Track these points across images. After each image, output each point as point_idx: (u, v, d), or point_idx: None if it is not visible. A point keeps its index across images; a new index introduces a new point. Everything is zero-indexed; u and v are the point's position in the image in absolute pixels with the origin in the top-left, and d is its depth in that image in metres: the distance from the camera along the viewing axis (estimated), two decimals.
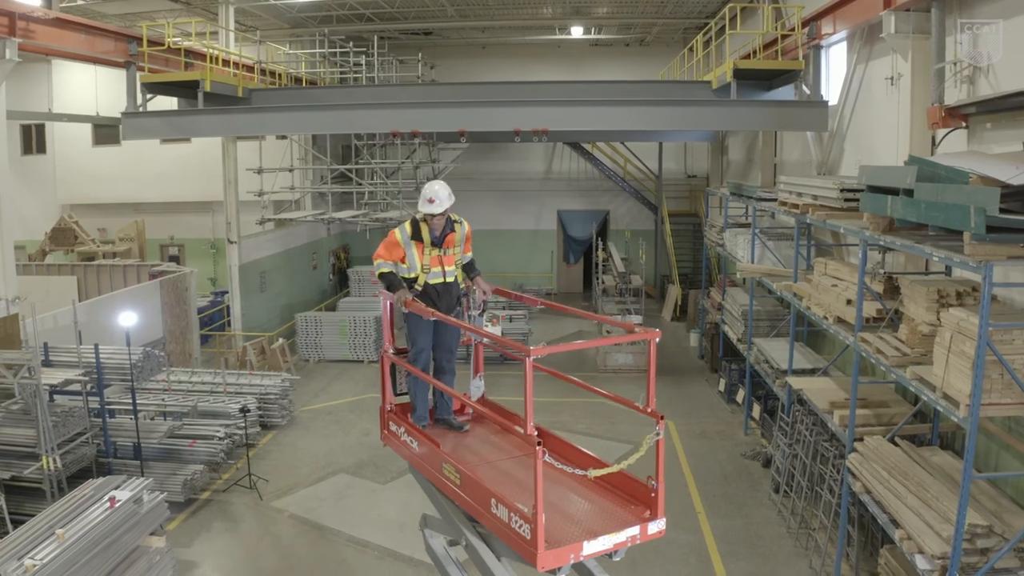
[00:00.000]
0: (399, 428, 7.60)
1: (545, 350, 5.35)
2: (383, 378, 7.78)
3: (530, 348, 5.31)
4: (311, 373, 22.68)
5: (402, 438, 7.56)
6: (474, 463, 6.79)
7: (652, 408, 5.94)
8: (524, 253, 34.16)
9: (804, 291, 13.02)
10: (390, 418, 7.76)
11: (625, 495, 6.09)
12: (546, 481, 5.66)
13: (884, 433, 10.37)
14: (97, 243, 26.12)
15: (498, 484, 6.25)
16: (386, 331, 7.78)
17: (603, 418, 18.66)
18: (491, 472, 6.54)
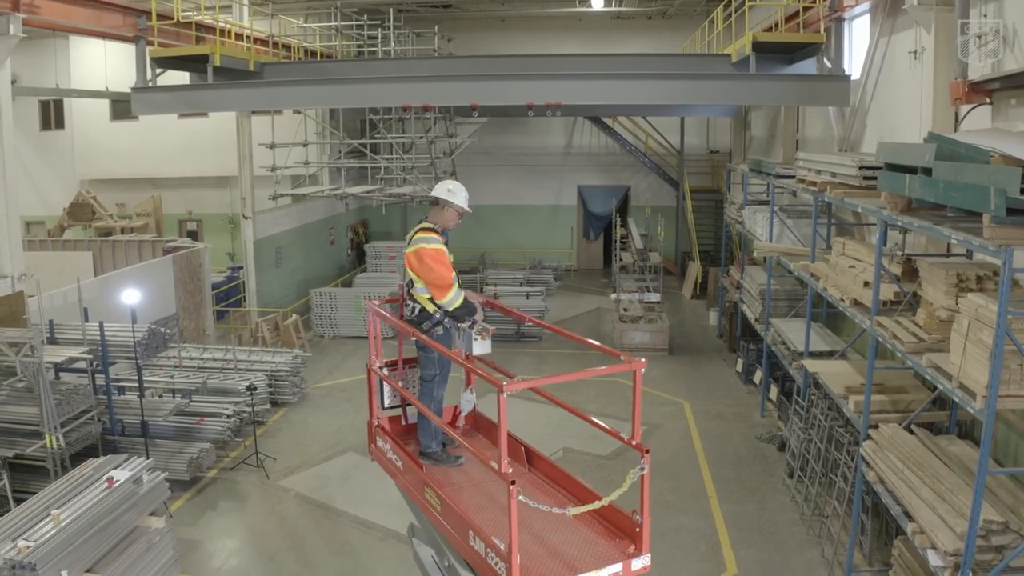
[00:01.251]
0: (385, 444, 7.34)
1: (521, 384, 5.07)
2: (370, 392, 7.49)
3: (503, 383, 4.99)
4: (325, 349, 22.55)
5: (388, 455, 7.30)
6: (458, 484, 6.53)
7: (637, 441, 5.62)
8: (543, 229, 33.91)
9: (821, 272, 12.66)
10: (377, 433, 7.49)
11: (611, 526, 5.86)
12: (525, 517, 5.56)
13: (900, 420, 10.04)
14: (115, 218, 26.06)
15: (480, 510, 6.04)
16: (372, 346, 7.38)
17: (619, 397, 18.40)
18: (475, 495, 6.25)
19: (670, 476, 14.29)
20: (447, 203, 7.15)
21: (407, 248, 7.03)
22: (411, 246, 7.00)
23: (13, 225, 14.12)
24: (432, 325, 7.02)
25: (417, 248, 6.95)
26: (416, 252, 6.94)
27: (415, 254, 6.94)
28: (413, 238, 7.04)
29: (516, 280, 28.25)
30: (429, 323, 7.03)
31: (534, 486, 6.46)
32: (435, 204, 7.22)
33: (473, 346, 6.93)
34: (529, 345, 22.94)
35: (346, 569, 11.51)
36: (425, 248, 6.90)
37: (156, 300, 18.92)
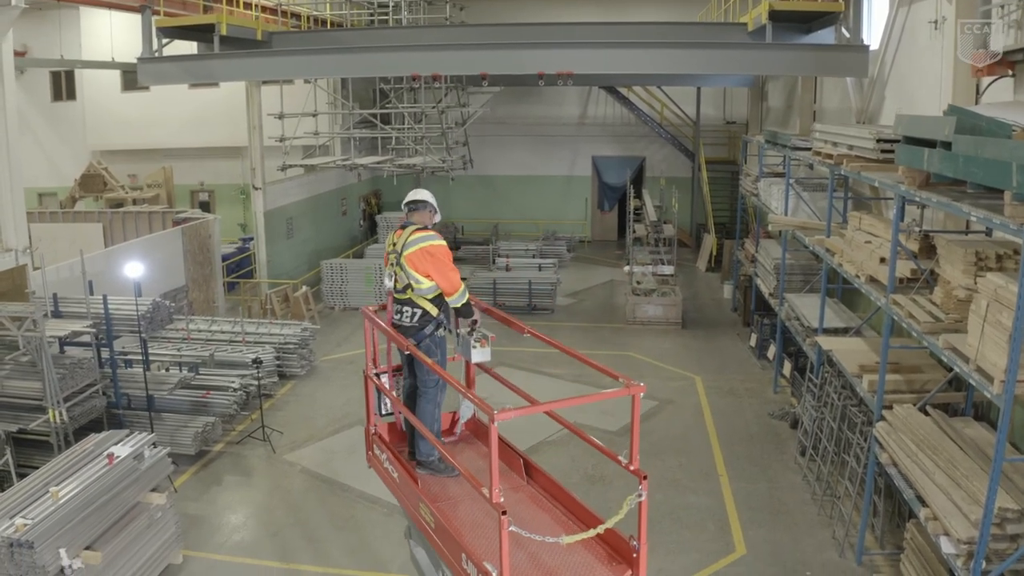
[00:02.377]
0: (382, 454, 7.16)
1: (513, 413, 4.88)
2: (367, 399, 7.31)
3: (495, 412, 4.81)
4: (335, 321, 22.42)
5: (385, 465, 7.12)
6: (454, 498, 6.34)
7: (635, 467, 5.43)
8: (557, 199, 33.60)
9: (836, 247, 12.37)
10: (375, 441, 7.33)
11: (609, 549, 5.67)
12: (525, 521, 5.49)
13: (915, 401, 9.79)
14: (126, 189, 25.92)
15: (474, 528, 5.87)
16: (368, 352, 7.19)
17: (630, 371, 17.79)
18: (470, 511, 6.06)
19: (680, 453, 14.11)
20: (426, 204, 7.06)
21: (406, 250, 6.76)
22: (410, 247, 6.77)
23: (17, 198, 13.97)
24: (434, 328, 6.90)
25: (424, 246, 6.76)
26: (425, 250, 6.75)
27: (424, 253, 6.75)
28: (409, 240, 6.81)
29: (529, 252, 28.02)
30: (432, 326, 6.89)
31: (532, 500, 6.33)
32: (416, 209, 7.05)
33: (472, 353, 6.76)
34: (540, 318, 22.74)
35: (351, 545, 11.39)
36: (436, 245, 6.78)
37: (165, 272, 18.81)
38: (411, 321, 6.86)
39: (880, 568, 10.35)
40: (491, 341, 6.78)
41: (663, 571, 10.60)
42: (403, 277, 6.79)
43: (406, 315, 6.87)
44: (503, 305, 23.08)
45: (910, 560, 9.31)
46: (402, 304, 6.88)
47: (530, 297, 23.10)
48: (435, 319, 6.88)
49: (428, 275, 6.75)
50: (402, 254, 6.76)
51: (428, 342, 6.93)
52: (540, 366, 18.60)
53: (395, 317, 6.94)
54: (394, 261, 6.83)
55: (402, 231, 6.93)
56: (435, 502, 6.21)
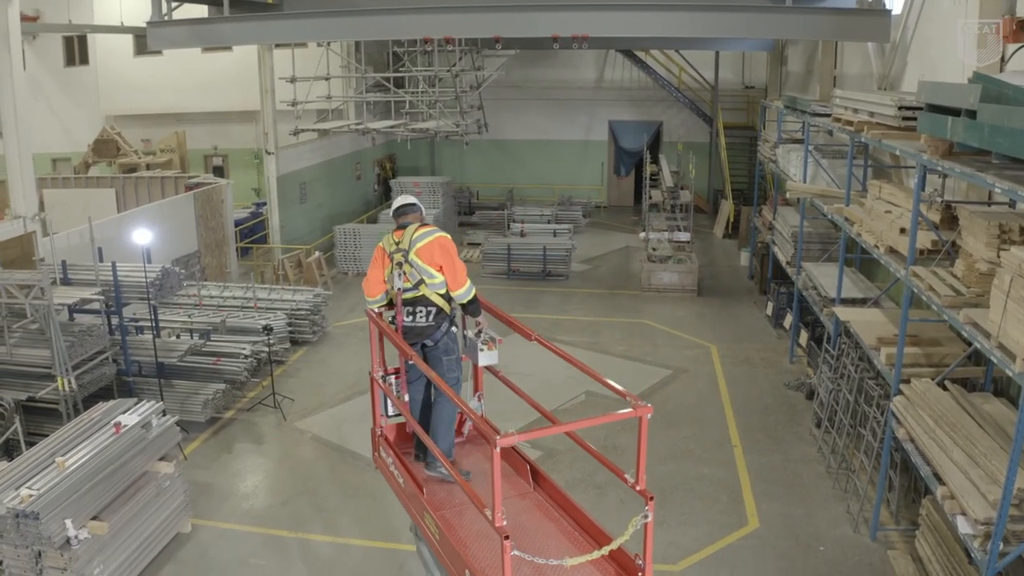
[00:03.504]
0: (388, 457, 7.02)
1: (516, 438, 4.72)
2: (373, 401, 7.18)
3: (498, 438, 4.65)
4: (348, 287, 22.31)
5: (391, 468, 6.98)
6: (460, 506, 6.19)
7: (642, 487, 5.24)
8: (573, 164, 33.35)
9: (856, 216, 12.10)
10: (381, 443, 7.21)
11: (616, 566, 5.50)
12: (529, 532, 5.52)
13: (933, 375, 9.57)
14: (139, 154, 25.80)
15: (480, 538, 5.72)
16: (375, 354, 7.04)
17: (644, 340, 18.06)
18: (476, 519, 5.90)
19: (694, 422, 13.97)
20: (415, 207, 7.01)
21: (416, 244, 6.62)
22: (421, 241, 6.64)
23: (26, 165, 13.86)
24: (450, 325, 6.81)
25: (434, 239, 6.66)
26: (435, 243, 6.65)
27: (436, 244, 6.64)
28: (416, 235, 6.68)
29: (544, 217, 27.81)
30: (447, 323, 6.80)
31: (538, 508, 6.21)
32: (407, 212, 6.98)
33: (480, 356, 6.66)
34: (555, 284, 22.59)
35: (360, 513, 11.33)
36: (446, 238, 6.71)
37: (177, 238, 18.73)
38: (427, 320, 6.73)
39: (895, 544, 10.20)
40: (498, 344, 6.68)
41: (674, 544, 10.50)
42: (414, 274, 6.64)
43: (420, 315, 6.72)
44: (517, 271, 22.95)
45: (925, 537, 9.16)
46: (415, 304, 6.72)
47: (545, 263, 22.93)
48: (449, 316, 6.79)
49: (440, 268, 6.64)
50: (411, 250, 6.62)
51: (446, 339, 6.83)
52: (555, 333, 18.45)
53: (407, 319, 6.76)
54: (401, 260, 6.66)
55: (402, 231, 6.79)
56: (439, 510, 6.10)
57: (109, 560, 9.10)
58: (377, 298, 6.95)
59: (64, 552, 8.53)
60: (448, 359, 6.87)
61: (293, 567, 10.13)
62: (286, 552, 10.48)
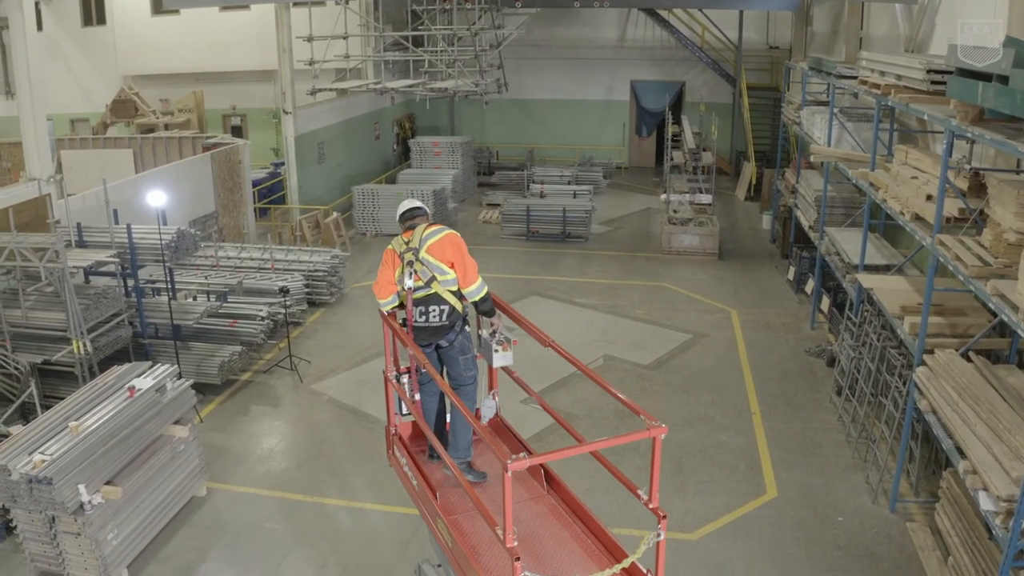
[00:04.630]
0: (403, 457, 6.95)
1: (526, 463, 4.64)
2: (387, 399, 7.11)
3: (509, 462, 4.55)
4: (367, 248, 22.23)
5: (404, 469, 6.91)
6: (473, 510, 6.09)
7: (655, 505, 5.16)
8: (594, 124, 33.01)
9: (881, 181, 11.84)
10: (395, 442, 7.15)
11: None
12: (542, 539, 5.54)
13: (957, 346, 9.37)
14: (157, 114, 25.68)
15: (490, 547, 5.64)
16: (388, 354, 6.96)
17: (664, 303, 17.90)
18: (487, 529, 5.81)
19: (713, 389, 13.84)
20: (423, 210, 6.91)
21: (428, 241, 6.51)
22: (432, 238, 6.53)
23: (40, 126, 13.74)
24: (463, 323, 6.73)
25: (444, 235, 6.56)
26: (446, 239, 6.54)
27: (445, 242, 6.53)
28: (427, 233, 6.57)
29: (564, 178, 27.55)
30: (461, 322, 6.71)
31: (552, 513, 6.12)
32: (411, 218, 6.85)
33: (494, 358, 6.56)
34: (574, 246, 22.42)
35: (376, 477, 11.26)
36: (454, 235, 6.60)
37: (194, 198, 18.65)
38: (440, 319, 6.64)
39: (914, 516, 10.07)
40: (513, 345, 6.57)
41: (691, 512, 10.43)
42: (425, 272, 6.52)
43: (434, 314, 6.62)
44: (537, 233, 22.77)
45: (945, 510, 9.01)
46: (427, 303, 6.61)
47: (564, 225, 22.74)
48: (463, 315, 6.71)
49: (451, 264, 6.53)
50: (422, 248, 6.51)
51: (461, 338, 6.76)
52: (573, 296, 18.35)
53: (420, 320, 6.65)
54: (412, 258, 6.55)
55: (411, 232, 6.68)
56: (452, 514, 6.04)
57: (123, 525, 9.10)
58: (388, 299, 6.83)
59: (78, 517, 8.53)
60: (464, 358, 6.80)
61: (308, 531, 10.12)
62: (301, 516, 10.47)
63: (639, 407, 5.18)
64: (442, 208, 23.42)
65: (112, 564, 8.90)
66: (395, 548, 9.71)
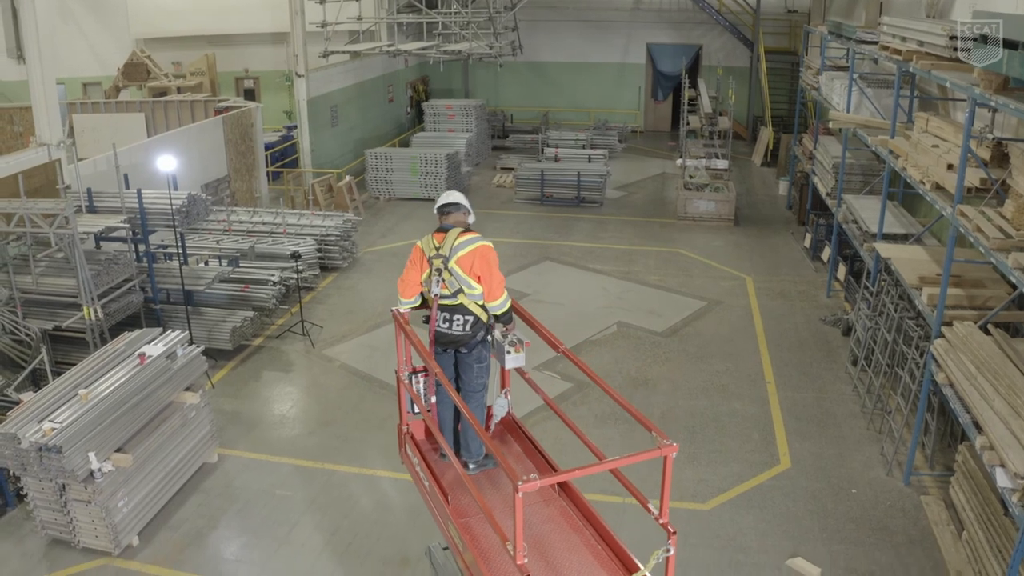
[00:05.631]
0: (415, 457, 6.91)
1: (538, 484, 4.56)
2: (400, 399, 7.05)
3: (520, 483, 4.49)
4: (380, 212, 22.13)
5: (416, 469, 6.87)
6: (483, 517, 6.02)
7: (665, 520, 5.06)
8: (610, 88, 32.70)
9: (901, 149, 11.63)
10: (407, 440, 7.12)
11: None
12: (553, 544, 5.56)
13: (976, 318, 9.22)
14: (169, 78, 25.48)
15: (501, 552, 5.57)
16: (400, 354, 6.86)
17: (679, 269, 17.76)
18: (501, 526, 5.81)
19: (728, 357, 13.75)
20: (459, 206, 6.76)
21: (456, 253, 6.39)
22: (462, 249, 6.40)
23: (50, 91, 13.59)
24: (485, 333, 6.65)
25: (477, 248, 6.44)
26: (478, 252, 6.43)
27: (476, 255, 6.42)
28: (458, 242, 6.43)
29: (579, 142, 27.30)
30: (483, 332, 6.63)
31: (563, 516, 6.07)
32: (450, 212, 6.73)
33: (507, 359, 6.48)
34: (588, 210, 22.28)
35: (387, 444, 11.17)
36: (488, 247, 6.47)
37: (206, 162, 18.53)
38: (464, 329, 6.56)
39: (928, 490, 9.98)
40: (526, 347, 6.49)
41: (704, 482, 10.37)
42: (453, 282, 6.42)
43: (457, 323, 6.54)
44: (551, 197, 22.61)
45: (960, 485, 8.92)
46: (452, 312, 6.53)
47: (579, 189, 22.57)
48: (486, 325, 6.62)
49: (479, 279, 6.44)
50: (451, 258, 6.39)
51: (480, 347, 6.69)
52: (586, 261, 18.23)
53: (442, 326, 6.59)
54: (440, 266, 6.43)
55: (443, 235, 6.53)
56: (462, 517, 6.00)
57: (134, 492, 9.10)
58: (411, 299, 6.76)
59: (88, 485, 8.53)
60: (479, 366, 6.75)
61: (319, 498, 10.11)
62: (312, 483, 10.46)
63: (651, 423, 5.10)
64: (456, 172, 23.26)
65: (123, 531, 8.92)
66: (406, 516, 9.70)
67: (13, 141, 17.26)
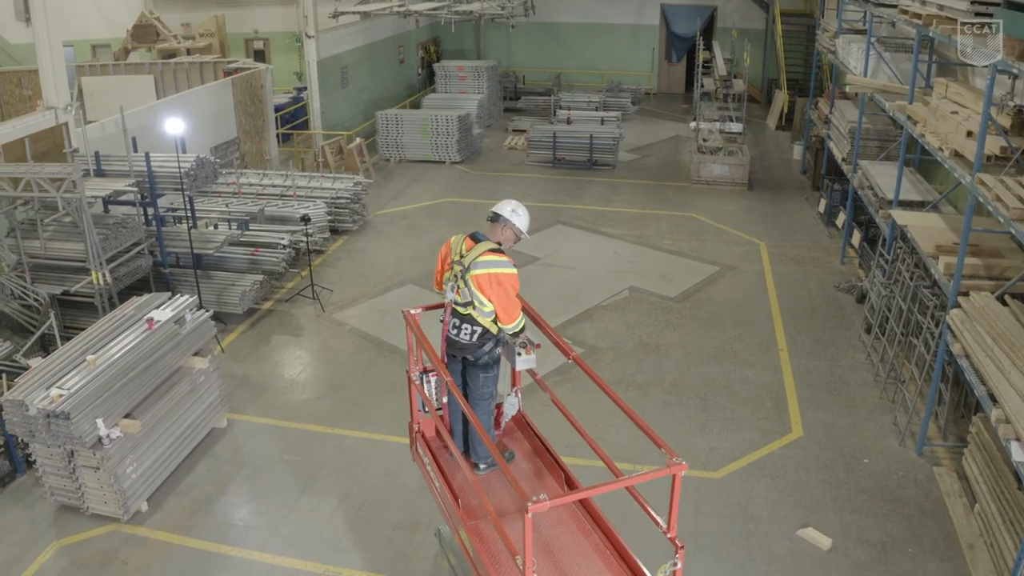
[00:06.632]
0: (425, 456, 6.90)
1: (548, 504, 4.55)
2: (411, 398, 7.03)
3: (530, 504, 4.48)
4: (390, 174, 21.99)
5: (427, 467, 6.86)
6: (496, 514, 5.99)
7: (673, 534, 5.05)
8: (623, 50, 32.35)
9: (919, 115, 11.42)
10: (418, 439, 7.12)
11: None
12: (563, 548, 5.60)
13: (993, 289, 9.09)
14: (179, 39, 25.26)
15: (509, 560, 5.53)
16: (411, 354, 6.82)
17: (692, 234, 17.62)
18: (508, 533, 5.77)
19: (740, 323, 13.64)
20: (507, 222, 6.56)
21: (473, 270, 6.29)
22: (481, 268, 6.30)
23: (56, 53, 13.42)
24: (494, 345, 6.57)
25: (494, 273, 6.32)
26: (495, 277, 6.32)
27: (492, 279, 6.31)
28: (479, 259, 6.32)
29: (592, 104, 27.05)
30: (491, 344, 6.55)
31: (572, 519, 6.06)
32: (494, 221, 6.59)
33: (517, 361, 6.38)
34: (601, 173, 22.10)
35: (397, 409, 11.09)
36: (506, 274, 6.34)
37: (215, 125, 18.41)
38: (470, 339, 6.51)
39: (941, 461, 9.89)
40: (536, 349, 6.39)
41: (715, 450, 10.32)
42: (466, 293, 6.36)
43: (464, 332, 6.50)
44: (563, 160, 22.43)
45: (973, 456, 8.84)
46: (462, 320, 6.48)
47: (591, 152, 22.39)
48: (495, 337, 6.54)
49: (492, 300, 6.35)
50: (469, 271, 6.31)
51: (487, 358, 6.63)
52: (599, 225, 18.10)
53: (452, 332, 6.55)
54: (459, 274, 6.37)
55: (473, 243, 6.45)
56: (472, 519, 5.98)
57: (142, 458, 9.09)
58: (440, 292, 6.74)
59: (96, 451, 8.52)
60: (485, 376, 6.69)
61: (328, 464, 10.10)
62: (322, 448, 10.45)
63: (662, 439, 5.05)
64: (467, 134, 23.08)
65: (131, 497, 8.93)
66: (415, 482, 9.66)
67: (22, 104, 17.13)
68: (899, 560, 8.42)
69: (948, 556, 8.43)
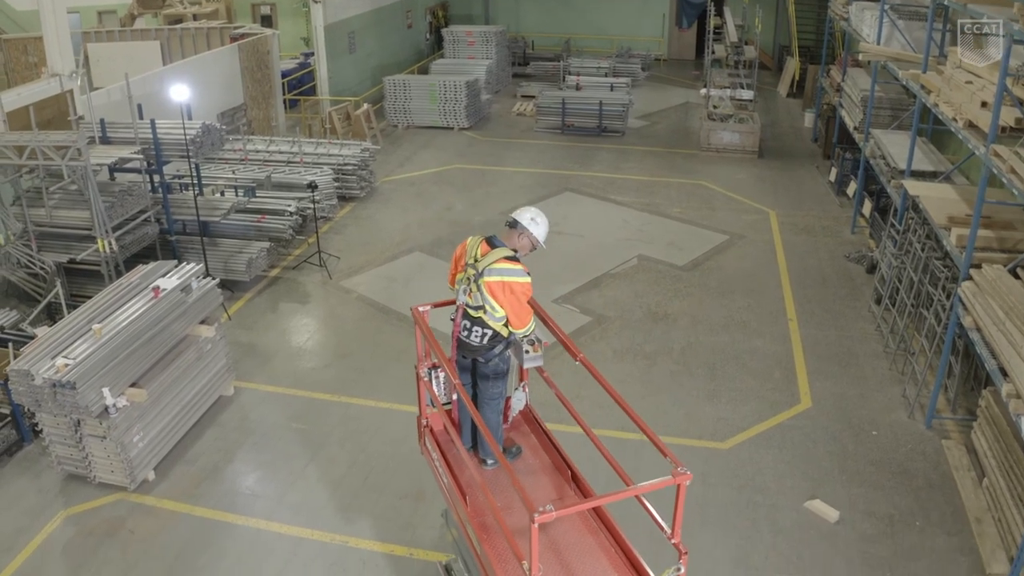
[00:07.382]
0: (434, 451, 6.83)
1: (555, 514, 4.52)
2: (419, 392, 6.94)
3: (536, 515, 4.47)
4: (398, 140, 21.87)
5: (435, 462, 6.79)
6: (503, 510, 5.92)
7: (677, 540, 5.02)
8: (632, 15, 32.00)
9: (933, 84, 11.25)
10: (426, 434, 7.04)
11: None
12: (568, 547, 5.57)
13: (1006, 262, 8.99)
14: (185, 5, 25.07)
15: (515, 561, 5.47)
16: (419, 351, 6.73)
17: (701, 202, 17.50)
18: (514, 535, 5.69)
19: (750, 293, 13.57)
20: (525, 231, 6.34)
21: (486, 276, 6.15)
22: (494, 276, 6.15)
23: (60, 19, 13.28)
24: (504, 347, 6.46)
25: (507, 281, 6.16)
26: (507, 285, 6.17)
27: (505, 287, 6.17)
28: (493, 266, 6.17)
29: (601, 70, 26.83)
30: (501, 346, 6.44)
31: (578, 516, 5.98)
32: (512, 227, 6.37)
33: (525, 359, 6.32)
34: (610, 140, 21.93)
35: (404, 377, 11.03)
36: (519, 283, 6.19)
37: (222, 91, 18.30)
38: (480, 342, 6.39)
39: (950, 434, 9.84)
40: (544, 346, 6.33)
41: (723, 420, 10.29)
42: (478, 297, 6.24)
43: (475, 334, 6.38)
44: (572, 126, 22.26)
45: (983, 430, 8.79)
46: (473, 322, 6.36)
47: (600, 118, 22.21)
48: (505, 340, 6.43)
49: (504, 306, 6.24)
50: (482, 276, 6.18)
51: (497, 360, 6.53)
52: (608, 193, 17.99)
53: (462, 334, 6.44)
54: (472, 277, 6.24)
55: (488, 248, 6.29)
56: (479, 516, 5.93)
57: (149, 427, 9.10)
58: (453, 289, 6.61)
59: (103, 420, 8.51)
60: (495, 378, 6.59)
61: (335, 432, 10.10)
62: (328, 416, 10.46)
63: (668, 449, 5.01)
64: (475, 100, 22.91)
65: (138, 466, 8.95)
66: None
67: (27, 72, 17.01)
68: (906, 533, 8.40)
69: (956, 530, 8.41)
